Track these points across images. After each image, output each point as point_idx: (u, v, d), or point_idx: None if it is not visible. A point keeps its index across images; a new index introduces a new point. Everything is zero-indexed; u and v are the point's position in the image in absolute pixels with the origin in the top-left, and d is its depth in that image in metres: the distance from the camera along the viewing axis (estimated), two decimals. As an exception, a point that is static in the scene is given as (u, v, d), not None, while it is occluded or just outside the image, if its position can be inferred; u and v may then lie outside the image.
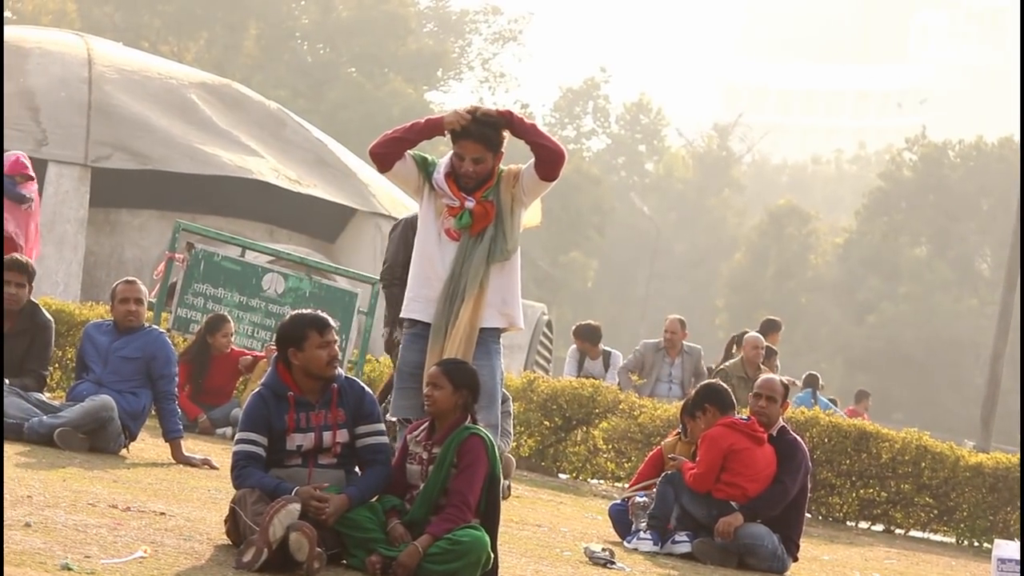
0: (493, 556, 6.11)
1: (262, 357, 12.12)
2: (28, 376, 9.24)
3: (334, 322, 6.46)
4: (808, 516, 11.18)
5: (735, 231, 68.57)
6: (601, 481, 13.84)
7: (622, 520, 8.95)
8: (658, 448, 9.49)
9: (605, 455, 13.86)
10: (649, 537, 8.60)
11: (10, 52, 19.32)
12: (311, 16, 56.13)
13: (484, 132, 6.45)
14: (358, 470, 6.35)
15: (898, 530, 13.65)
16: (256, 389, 6.39)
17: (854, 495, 13.48)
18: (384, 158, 6.53)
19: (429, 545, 5.94)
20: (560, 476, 13.80)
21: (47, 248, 16.24)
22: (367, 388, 6.47)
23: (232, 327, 12.35)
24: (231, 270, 12.90)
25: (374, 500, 6.21)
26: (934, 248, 59.34)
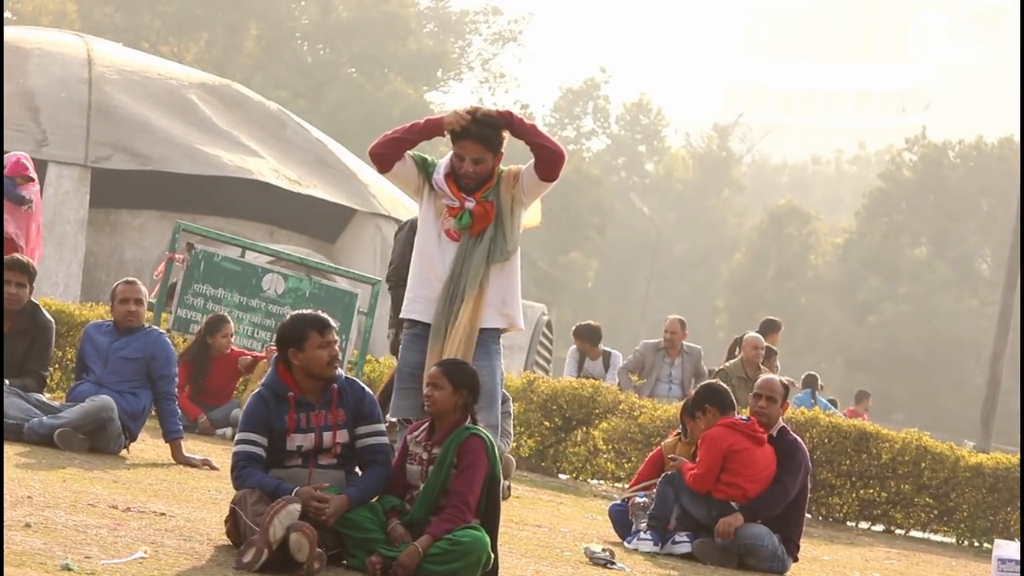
0: (493, 556, 6.11)
1: (262, 357, 12.11)
2: (28, 376, 9.23)
3: (334, 322, 6.47)
4: (808, 516, 11.18)
5: (735, 231, 68.57)
6: (601, 481, 13.83)
7: (622, 520, 8.95)
8: (658, 448, 9.48)
9: (605, 455, 13.85)
10: (649, 537, 8.60)
11: (10, 53, 19.33)
12: (311, 16, 56.13)
13: (484, 132, 6.45)
14: (358, 470, 6.35)
15: (898, 530, 13.64)
16: (256, 389, 6.39)
17: (854, 495, 13.47)
18: (384, 159, 6.53)
19: (429, 545, 5.94)
20: (560, 476, 13.79)
21: (47, 249, 16.24)
22: (367, 388, 6.47)
23: (232, 327, 12.34)
24: (231, 270, 12.89)
25: (374, 500, 6.21)
26: (934, 248, 59.34)
